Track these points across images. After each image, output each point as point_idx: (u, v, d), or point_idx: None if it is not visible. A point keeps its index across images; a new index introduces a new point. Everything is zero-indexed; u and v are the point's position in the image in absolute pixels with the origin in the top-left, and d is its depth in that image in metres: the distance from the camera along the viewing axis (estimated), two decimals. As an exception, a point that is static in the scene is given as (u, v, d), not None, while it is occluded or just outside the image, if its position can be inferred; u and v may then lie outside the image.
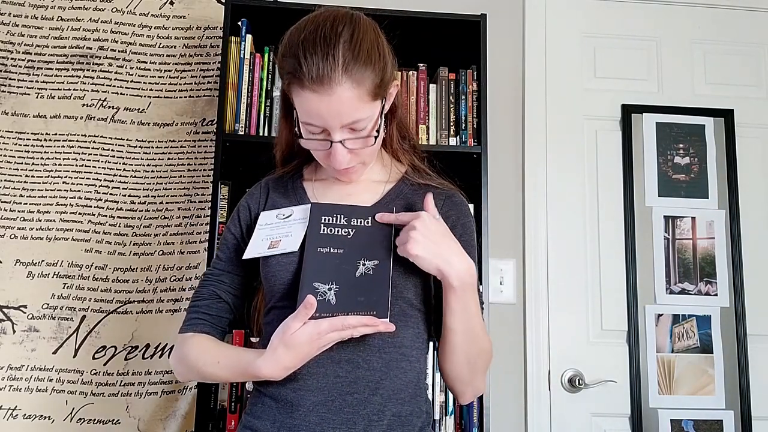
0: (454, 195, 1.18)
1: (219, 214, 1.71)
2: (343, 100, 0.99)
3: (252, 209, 1.18)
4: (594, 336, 2.05)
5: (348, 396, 1.01)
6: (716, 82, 2.23)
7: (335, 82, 0.98)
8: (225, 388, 1.68)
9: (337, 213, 1.04)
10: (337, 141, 1.02)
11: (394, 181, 1.16)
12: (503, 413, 1.99)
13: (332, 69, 0.98)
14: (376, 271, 1.00)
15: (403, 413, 1.04)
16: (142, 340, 1.91)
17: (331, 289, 0.98)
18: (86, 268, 1.94)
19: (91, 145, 2.01)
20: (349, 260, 1.01)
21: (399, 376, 1.05)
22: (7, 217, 1.95)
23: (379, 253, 1.01)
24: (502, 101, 2.14)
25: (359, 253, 1.01)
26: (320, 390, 1.01)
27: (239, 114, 1.77)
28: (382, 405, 1.02)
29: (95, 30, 2.08)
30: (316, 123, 1.02)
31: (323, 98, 0.99)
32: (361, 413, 1.01)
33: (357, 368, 1.02)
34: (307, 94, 1.00)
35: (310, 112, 1.01)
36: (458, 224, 1.13)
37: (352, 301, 0.98)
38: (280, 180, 1.21)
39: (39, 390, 1.87)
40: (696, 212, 2.11)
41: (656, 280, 2.06)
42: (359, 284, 0.99)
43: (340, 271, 1.00)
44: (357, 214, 1.04)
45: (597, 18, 2.24)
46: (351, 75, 0.99)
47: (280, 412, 1.03)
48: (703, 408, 2.00)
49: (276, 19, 1.84)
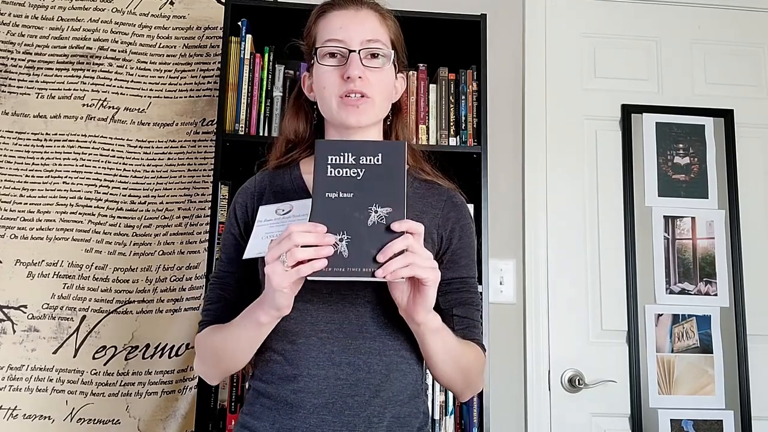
0: (454, 196, 1.18)
1: (219, 214, 1.71)
2: (367, 17, 1.11)
3: (248, 205, 1.16)
4: (594, 336, 2.05)
5: (348, 398, 1.01)
6: (716, 82, 2.23)
7: (363, 5, 1.12)
8: (225, 388, 1.68)
9: (345, 150, 0.95)
10: (355, 49, 1.08)
11: None
12: (503, 413, 1.99)
13: (360, 1, 1.13)
14: (389, 220, 0.92)
15: (402, 414, 1.05)
16: (142, 340, 1.91)
17: (342, 239, 0.91)
18: (86, 268, 1.94)
19: (92, 145, 2.01)
20: (360, 206, 0.92)
21: (399, 379, 1.05)
22: (7, 217, 1.95)
23: (391, 197, 0.93)
24: (502, 101, 2.14)
25: (371, 197, 0.93)
26: (320, 392, 1.01)
27: (239, 114, 1.77)
28: (383, 407, 1.02)
29: (95, 30, 2.08)
30: (338, 36, 1.09)
31: (349, 13, 1.11)
32: (361, 415, 1.01)
33: (357, 371, 1.02)
34: (333, 13, 1.12)
35: (334, 27, 1.10)
36: (457, 226, 1.14)
37: (365, 254, 0.90)
38: (277, 173, 1.19)
39: (39, 390, 1.87)
40: (696, 212, 2.11)
41: (656, 280, 2.06)
42: (371, 235, 0.91)
43: (352, 220, 0.91)
44: (366, 150, 0.95)
45: (597, 18, 2.24)
46: (376, 9, 1.14)
47: (279, 413, 1.02)
48: (703, 408, 2.00)
49: (276, 19, 1.85)
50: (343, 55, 1.09)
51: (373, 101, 1.10)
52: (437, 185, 1.18)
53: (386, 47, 1.12)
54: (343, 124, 1.11)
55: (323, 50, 1.10)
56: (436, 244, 1.12)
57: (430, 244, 1.11)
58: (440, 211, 1.13)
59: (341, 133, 1.13)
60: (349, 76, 1.07)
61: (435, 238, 1.12)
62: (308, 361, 1.02)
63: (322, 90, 1.11)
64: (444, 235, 1.13)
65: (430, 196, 1.15)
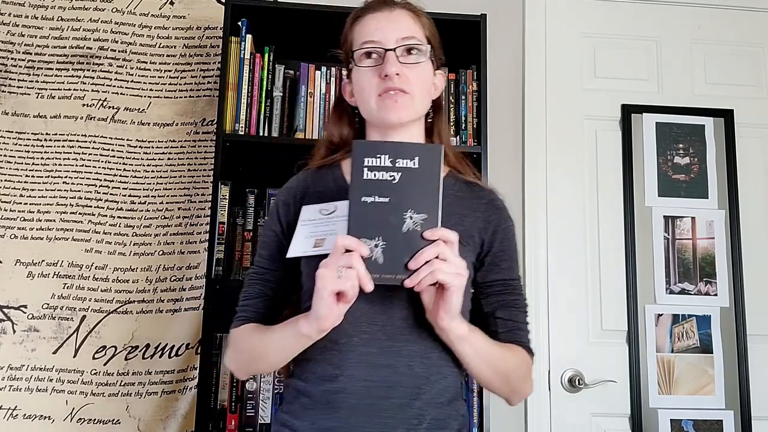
0: (496, 198, 1.18)
1: (219, 214, 1.71)
2: (401, 17, 1.13)
3: (291, 204, 1.16)
4: (594, 336, 2.05)
5: (385, 400, 1.01)
6: (716, 82, 2.23)
7: (396, 6, 1.14)
8: (225, 388, 1.68)
9: (382, 152, 0.94)
10: (391, 47, 1.09)
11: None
12: (503, 413, 1.98)
13: (393, 2, 1.15)
14: (424, 227, 0.92)
15: (442, 417, 1.05)
16: (142, 340, 1.91)
17: (378, 245, 0.92)
18: (86, 268, 1.94)
19: (92, 145, 2.01)
20: (395, 211, 0.93)
21: (439, 382, 1.05)
22: (7, 217, 1.95)
23: (426, 203, 0.93)
24: (502, 101, 2.14)
25: (406, 202, 0.93)
26: (359, 393, 1.01)
27: (239, 114, 1.77)
28: (422, 410, 1.02)
29: (95, 30, 2.08)
30: (374, 38, 1.11)
31: (383, 14, 1.13)
32: (400, 417, 1.01)
33: (397, 374, 1.02)
34: (368, 17, 1.14)
35: (369, 29, 1.12)
36: (499, 228, 1.14)
37: (399, 261, 0.91)
38: (319, 173, 1.19)
39: (39, 390, 1.87)
40: (696, 212, 2.11)
41: (656, 280, 2.06)
42: (406, 242, 0.92)
43: (387, 225, 0.92)
44: (403, 152, 0.94)
45: (597, 18, 2.23)
46: (409, 8, 1.15)
47: (319, 412, 1.03)
48: (702, 408, 2.00)
49: (276, 19, 1.85)
50: (379, 55, 1.11)
51: (412, 96, 1.10)
52: (479, 187, 1.18)
53: (422, 43, 1.13)
54: (384, 122, 1.12)
55: (360, 52, 1.12)
56: (478, 247, 1.13)
57: (472, 247, 1.12)
58: (482, 214, 1.14)
59: (382, 132, 1.14)
60: (387, 74, 1.08)
61: (476, 240, 1.13)
62: (348, 361, 1.02)
63: (362, 91, 1.12)
64: (485, 237, 1.13)
65: (472, 198, 1.16)
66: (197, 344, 1.89)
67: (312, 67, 1.84)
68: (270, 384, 1.68)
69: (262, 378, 1.68)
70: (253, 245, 1.74)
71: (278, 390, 1.68)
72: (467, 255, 1.09)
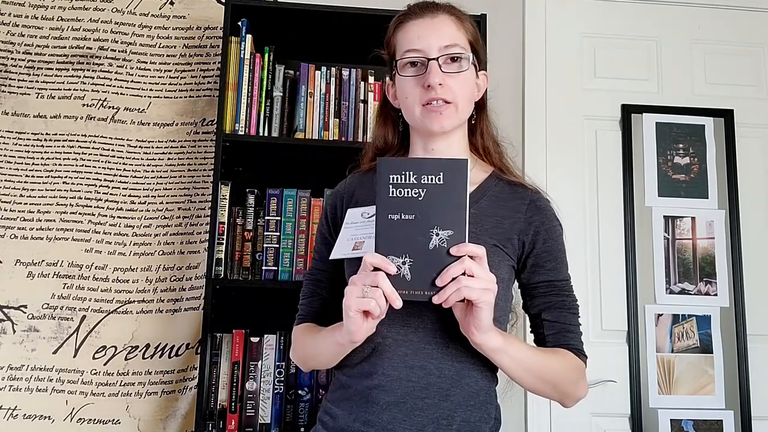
0: (538, 199, 1.17)
1: (219, 214, 1.71)
2: (444, 24, 1.13)
3: (338, 206, 1.20)
4: (594, 336, 2.05)
5: (419, 400, 1.04)
6: (716, 82, 2.23)
7: (438, 10, 1.14)
8: (225, 388, 1.68)
9: (406, 169, 0.95)
10: (433, 57, 1.10)
11: (479, 181, 1.17)
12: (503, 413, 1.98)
13: (435, 6, 1.15)
14: (450, 244, 0.93)
15: (473, 419, 1.07)
16: (142, 340, 1.91)
17: (405, 262, 0.94)
18: (86, 268, 1.94)
19: (92, 145, 2.01)
20: (421, 228, 0.94)
21: (470, 384, 1.07)
22: (8, 217, 1.95)
23: (452, 219, 0.94)
24: (503, 101, 2.14)
25: (432, 219, 0.94)
26: (393, 391, 1.05)
27: (239, 114, 1.77)
28: (452, 410, 1.05)
29: (95, 30, 2.08)
30: (417, 46, 1.11)
31: (426, 20, 1.13)
32: (430, 417, 1.04)
33: (429, 375, 1.05)
34: (411, 23, 1.14)
35: (412, 37, 1.12)
36: (542, 229, 1.14)
37: (426, 278, 0.93)
38: (366, 177, 1.23)
39: (39, 390, 1.87)
40: (696, 212, 2.11)
41: (656, 280, 2.06)
42: (433, 258, 0.93)
43: (414, 242, 0.94)
44: (427, 169, 0.95)
45: (597, 18, 2.24)
46: (452, 13, 1.15)
47: (356, 404, 1.08)
48: (702, 408, 2.00)
49: (276, 19, 1.85)
50: (423, 64, 1.11)
51: (455, 106, 1.12)
52: (522, 187, 1.18)
53: (465, 50, 1.13)
54: (427, 131, 1.14)
55: (403, 61, 1.13)
56: (518, 249, 1.13)
57: (511, 249, 1.12)
58: (523, 215, 1.14)
59: (425, 139, 1.16)
60: (430, 84, 1.09)
61: (516, 243, 1.13)
62: (383, 360, 1.06)
63: (405, 99, 1.14)
64: (526, 240, 1.13)
65: (513, 200, 1.16)
66: (197, 344, 1.89)
67: (312, 67, 1.84)
68: (270, 384, 1.68)
69: (262, 378, 1.68)
70: (253, 245, 1.74)
71: (278, 390, 1.68)
72: (505, 258, 1.11)
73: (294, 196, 1.77)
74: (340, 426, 1.09)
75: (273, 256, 1.73)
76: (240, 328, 1.70)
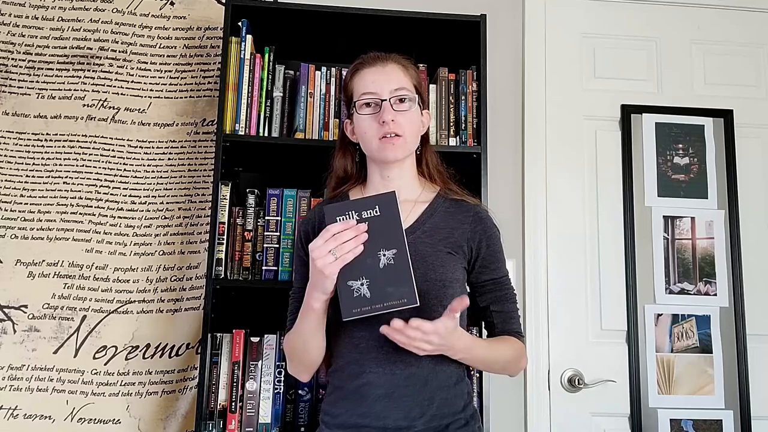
0: (480, 211, 1.41)
1: (219, 214, 1.71)
2: (393, 71, 1.36)
3: (310, 233, 1.38)
4: (594, 336, 2.05)
5: (404, 389, 1.25)
6: (716, 82, 2.23)
7: (388, 60, 1.37)
8: (225, 388, 1.68)
9: (348, 209, 1.15)
10: (385, 98, 1.32)
11: (428, 200, 1.39)
12: (503, 413, 1.99)
13: (386, 56, 1.38)
14: (396, 259, 1.14)
15: (449, 396, 1.29)
16: (143, 340, 1.91)
17: (363, 284, 1.14)
18: (87, 268, 1.94)
19: (92, 146, 2.01)
20: (371, 253, 1.14)
21: (444, 370, 1.29)
22: (8, 217, 1.95)
23: (393, 240, 1.14)
24: (502, 101, 2.14)
25: (377, 243, 1.14)
26: (381, 385, 1.26)
27: (239, 114, 1.77)
28: (432, 393, 1.27)
29: (96, 30, 2.08)
30: (371, 90, 1.33)
31: (378, 69, 1.35)
32: (416, 400, 1.25)
33: (410, 366, 1.26)
34: (365, 71, 1.36)
35: (367, 82, 1.34)
36: (484, 237, 1.37)
37: (383, 292, 1.13)
38: (331, 203, 1.38)
39: (39, 390, 1.87)
40: (695, 212, 2.11)
41: (656, 280, 2.06)
42: (385, 275, 1.14)
43: (367, 266, 1.14)
44: (365, 206, 1.15)
45: (597, 18, 2.24)
46: (399, 62, 1.38)
47: (351, 402, 1.28)
48: (702, 408, 2.00)
49: (276, 19, 1.85)
50: (377, 104, 1.33)
51: (405, 139, 1.33)
52: (465, 203, 1.40)
53: (411, 92, 1.36)
54: (383, 160, 1.35)
55: (360, 102, 1.35)
56: (467, 254, 1.36)
57: (462, 255, 1.35)
58: (468, 226, 1.36)
59: (381, 167, 1.38)
60: (384, 120, 1.31)
61: (465, 249, 1.35)
62: (370, 360, 1.26)
63: (363, 134, 1.35)
64: (473, 246, 1.36)
65: (459, 213, 1.38)
66: (197, 344, 1.89)
67: (312, 67, 1.84)
68: (270, 384, 1.68)
69: (262, 378, 1.68)
70: (253, 245, 1.74)
71: (278, 390, 1.68)
72: (459, 261, 1.34)
73: (294, 196, 1.77)
74: (340, 422, 1.28)
75: (273, 256, 1.73)
76: (240, 328, 1.70)
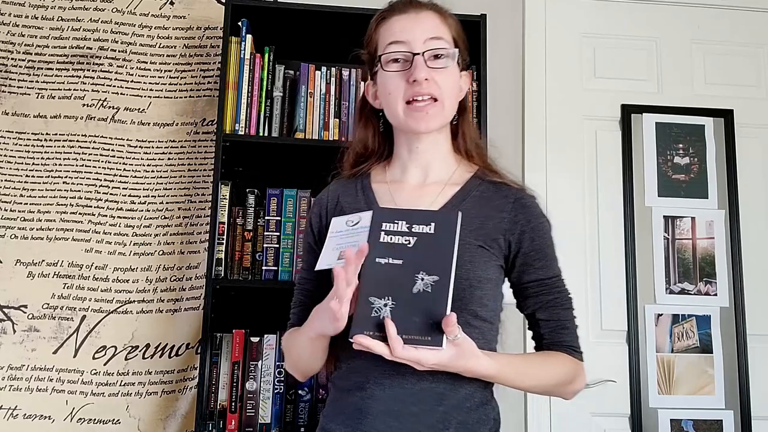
0: (523, 197, 1.14)
1: (219, 214, 1.71)
2: (428, 17, 1.11)
3: (323, 215, 1.19)
4: (594, 336, 2.05)
5: (412, 406, 1.03)
6: (716, 82, 2.23)
7: (422, 7, 1.12)
8: (225, 388, 1.68)
9: (399, 218, 0.98)
10: (418, 51, 1.07)
11: (461, 182, 1.15)
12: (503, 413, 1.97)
13: (419, 3, 1.13)
14: (434, 289, 0.93)
15: (470, 421, 1.05)
16: (143, 340, 1.91)
17: (386, 305, 0.94)
18: (86, 267, 1.94)
19: (92, 145, 2.01)
20: (407, 273, 0.95)
21: (464, 386, 1.05)
22: (8, 217, 1.95)
23: (439, 266, 0.94)
24: (502, 101, 2.14)
25: (418, 265, 0.95)
26: (385, 400, 1.04)
27: (239, 114, 1.77)
28: (447, 414, 1.03)
29: (95, 30, 2.08)
30: (401, 38, 1.09)
31: (410, 16, 1.11)
32: (425, 422, 1.03)
33: (421, 380, 1.03)
34: (394, 19, 1.12)
35: (395, 30, 1.10)
36: (528, 227, 1.11)
37: (407, 320, 0.93)
38: (349, 182, 1.20)
39: (39, 390, 1.87)
40: (696, 212, 2.11)
41: (656, 280, 2.06)
42: (416, 302, 0.93)
43: (397, 286, 0.94)
44: (419, 219, 0.98)
45: (597, 18, 2.24)
46: (436, 9, 1.14)
47: (351, 417, 1.06)
48: (702, 408, 2.00)
49: (276, 19, 1.85)
50: (407, 59, 1.08)
51: (442, 104, 1.09)
52: (505, 186, 1.15)
53: (449, 45, 1.11)
54: (413, 130, 1.11)
55: (387, 56, 1.10)
56: (504, 249, 1.11)
57: (497, 250, 1.10)
58: (507, 215, 1.11)
59: (409, 138, 1.14)
60: (415, 79, 1.06)
61: (502, 243, 1.10)
62: (376, 371, 1.04)
63: (388, 96, 1.10)
64: (512, 239, 1.11)
65: (497, 199, 1.13)
66: (197, 344, 1.89)
67: (312, 67, 1.84)
68: (270, 384, 1.68)
69: (262, 378, 1.68)
70: (253, 245, 1.74)
71: (278, 390, 1.68)
72: (492, 258, 1.09)
73: (294, 196, 1.77)
74: None
75: (273, 256, 1.73)
76: (240, 328, 1.70)
